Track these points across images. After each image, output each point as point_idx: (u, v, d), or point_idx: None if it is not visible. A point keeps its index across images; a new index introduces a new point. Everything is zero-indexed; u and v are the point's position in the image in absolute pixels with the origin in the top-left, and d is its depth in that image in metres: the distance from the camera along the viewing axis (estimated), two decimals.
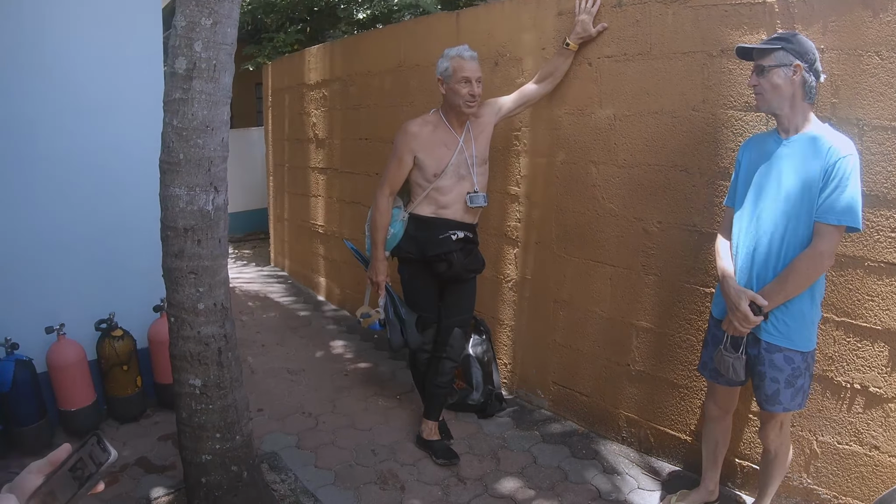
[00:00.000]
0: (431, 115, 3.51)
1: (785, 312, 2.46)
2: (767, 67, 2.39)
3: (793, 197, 2.39)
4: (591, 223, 3.70)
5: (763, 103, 2.45)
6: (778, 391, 2.50)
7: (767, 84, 2.40)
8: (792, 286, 2.39)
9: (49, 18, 3.74)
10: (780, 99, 2.40)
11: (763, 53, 2.41)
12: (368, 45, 5.67)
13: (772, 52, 2.38)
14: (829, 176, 2.30)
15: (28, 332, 3.66)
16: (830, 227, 2.32)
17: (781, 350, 2.48)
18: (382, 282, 3.57)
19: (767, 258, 2.47)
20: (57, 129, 3.81)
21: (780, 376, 2.48)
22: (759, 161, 2.54)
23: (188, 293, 2.66)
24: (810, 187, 2.34)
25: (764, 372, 2.52)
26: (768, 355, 2.50)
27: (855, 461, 2.78)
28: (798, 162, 2.39)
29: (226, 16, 2.51)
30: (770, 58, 2.39)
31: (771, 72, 2.38)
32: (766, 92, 2.42)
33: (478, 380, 4.12)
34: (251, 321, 6.19)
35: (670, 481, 3.35)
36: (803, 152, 2.38)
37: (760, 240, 2.49)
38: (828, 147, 2.31)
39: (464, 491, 3.33)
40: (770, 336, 2.49)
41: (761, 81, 2.41)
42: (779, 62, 2.37)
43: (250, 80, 11.69)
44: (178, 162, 2.55)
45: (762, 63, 2.41)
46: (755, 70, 2.44)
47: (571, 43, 3.55)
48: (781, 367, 2.48)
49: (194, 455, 2.82)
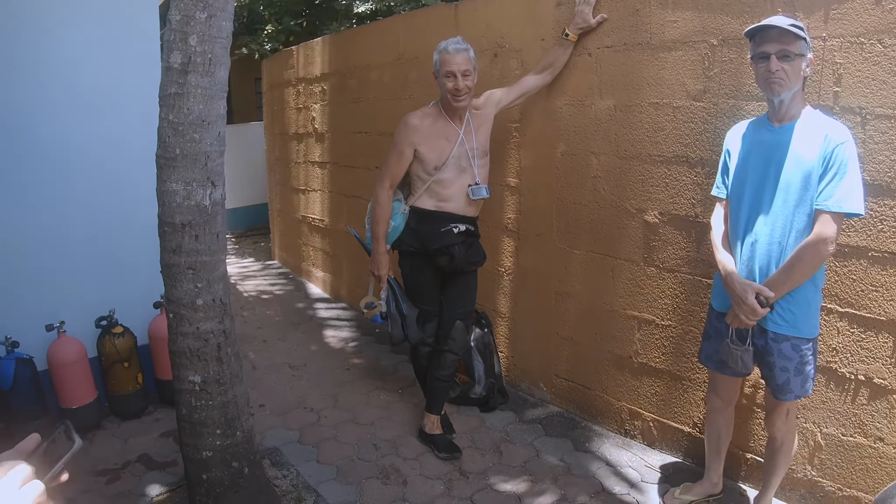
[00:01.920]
0: (431, 108, 3.49)
1: (790, 301, 2.44)
2: (795, 55, 2.33)
3: (792, 185, 2.37)
4: (593, 215, 3.68)
5: (783, 89, 2.36)
6: (788, 380, 2.49)
7: (791, 71, 2.33)
8: (797, 275, 2.37)
9: (45, 15, 3.72)
10: (795, 87, 2.37)
11: (793, 40, 2.33)
12: (367, 38, 5.64)
13: (798, 39, 2.33)
14: (827, 163, 2.27)
15: (28, 330, 3.67)
16: (832, 213, 2.29)
17: (789, 339, 2.46)
18: (384, 275, 3.56)
19: (770, 248, 2.45)
20: (54, 125, 3.80)
21: (790, 365, 2.47)
22: (753, 150, 2.52)
23: (186, 289, 2.65)
24: (809, 175, 2.32)
25: (773, 362, 2.50)
26: (776, 345, 2.48)
27: (859, 453, 2.76)
28: (795, 150, 2.36)
29: (220, 9, 2.49)
30: (796, 45, 2.32)
31: (797, 60, 2.33)
32: (789, 79, 2.34)
33: (480, 373, 4.10)
34: (252, 317, 6.18)
35: (674, 474, 3.34)
36: (799, 140, 2.36)
37: (761, 230, 2.47)
38: (824, 134, 2.29)
39: (466, 485, 3.32)
40: (777, 326, 2.47)
41: (785, 68, 2.33)
42: (802, 51, 2.33)
43: (250, 75, 11.70)
44: (174, 157, 2.53)
45: (790, 49, 2.32)
46: (779, 55, 2.33)
47: (571, 33, 3.52)
48: (790, 355, 2.47)
49: (195, 451, 2.81)
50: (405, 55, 5.04)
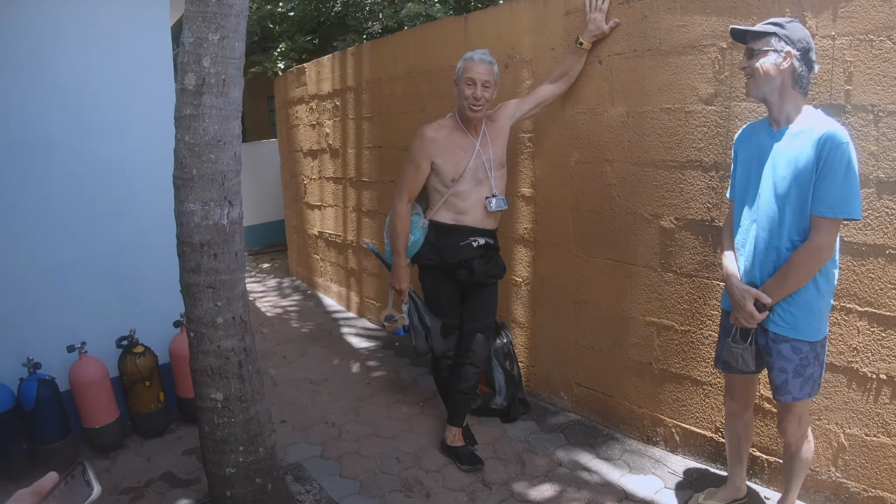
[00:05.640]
0: (447, 120, 3.50)
1: (791, 303, 2.43)
2: (757, 51, 2.38)
3: (789, 190, 2.36)
4: (608, 222, 3.68)
5: (753, 88, 2.43)
6: (786, 381, 2.48)
7: (757, 68, 2.38)
8: (792, 281, 2.38)
9: (61, 40, 3.79)
10: (769, 86, 2.39)
11: (755, 36, 2.39)
12: (378, 52, 5.68)
13: (763, 35, 2.36)
14: (821, 168, 2.26)
15: (50, 351, 3.70)
16: (826, 219, 2.28)
17: (788, 340, 2.46)
18: (406, 289, 3.57)
19: (767, 252, 2.46)
20: (72, 148, 3.86)
21: (788, 366, 2.46)
22: (754, 154, 2.53)
23: (206, 308, 2.68)
24: (804, 180, 2.31)
25: (772, 362, 2.51)
26: (775, 346, 2.48)
27: (884, 453, 2.73)
28: (791, 155, 2.36)
29: (233, 30, 2.53)
30: (761, 41, 2.37)
31: (760, 55, 2.37)
32: (755, 76, 2.40)
33: (500, 384, 4.10)
34: (272, 333, 6.21)
35: (697, 479, 3.32)
36: (795, 144, 2.35)
37: (760, 235, 2.47)
38: (819, 138, 2.27)
39: (489, 496, 3.31)
40: (777, 327, 2.47)
41: (751, 64, 2.40)
42: (769, 47, 2.35)
43: (263, 92, 11.79)
44: (191, 177, 2.57)
45: (753, 46, 2.40)
46: (746, 53, 2.44)
47: (585, 42, 3.52)
48: (789, 357, 2.46)
49: (218, 468, 2.83)
50: (417, 69, 5.07)
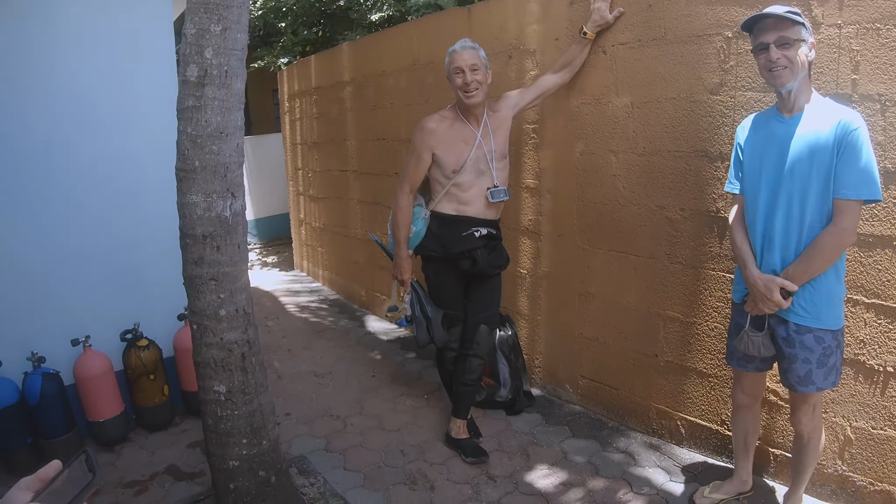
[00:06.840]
0: (448, 111, 3.49)
1: (812, 292, 2.41)
2: (794, 41, 2.31)
3: (807, 175, 2.33)
4: (614, 213, 3.65)
5: (788, 79, 2.34)
6: (810, 371, 2.45)
7: (793, 58, 2.31)
8: (817, 264, 2.35)
9: (62, 34, 3.77)
10: (800, 75, 2.34)
11: (790, 26, 2.32)
12: (381, 45, 5.67)
13: (795, 25, 2.32)
14: (841, 150, 2.24)
15: (54, 345, 3.71)
16: (850, 202, 2.27)
17: (811, 331, 2.43)
18: (408, 280, 3.58)
19: (788, 240, 2.43)
20: (74, 142, 3.85)
21: (812, 357, 2.44)
22: (765, 143, 2.48)
23: (209, 300, 2.67)
24: (824, 163, 2.28)
25: (795, 354, 2.47)
26: (798, 337, 2.45)
27: (891, 446, 2.71)
28: (809, 139, 2.33)
29: (235, 21, 2.51)
30: (794, 31, 2.31)
31: (796, 45, 2.31)
32: (793, 65, 2.31)
33: (505, 376, 4.09)
34: (276, 326, 6.21)
35: (703, 472, 3.30)
36: (812, 129, 2.32)
37: (779, 223, 2.44)
38: (837, 121, 2.25)
39: (494, 489, 3.30)
40: (799, 318, 2.44)
41: (787, 55, 2.31)
42: (800, 37, 2.31)
43: (267, 86, 11.77)
44: (193, 169, 2.55)
45: (788, 35, 2.31)
46: (777, 43, 2.32)
47: (589, 31, 3.50)
48: (812, 347, 2.43)
49: (222, 461, 2.82)
50: (420, 60, 5.05)
